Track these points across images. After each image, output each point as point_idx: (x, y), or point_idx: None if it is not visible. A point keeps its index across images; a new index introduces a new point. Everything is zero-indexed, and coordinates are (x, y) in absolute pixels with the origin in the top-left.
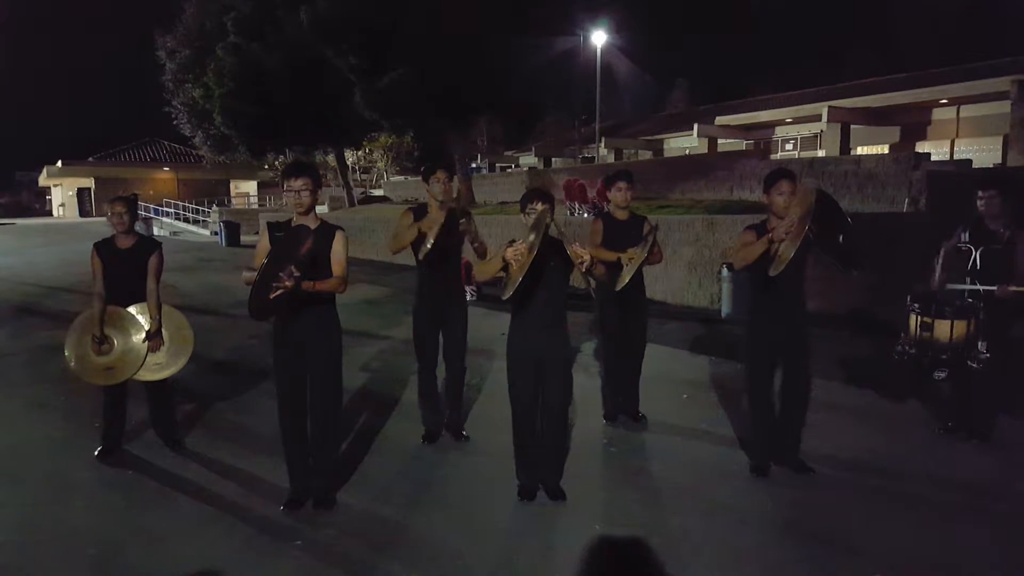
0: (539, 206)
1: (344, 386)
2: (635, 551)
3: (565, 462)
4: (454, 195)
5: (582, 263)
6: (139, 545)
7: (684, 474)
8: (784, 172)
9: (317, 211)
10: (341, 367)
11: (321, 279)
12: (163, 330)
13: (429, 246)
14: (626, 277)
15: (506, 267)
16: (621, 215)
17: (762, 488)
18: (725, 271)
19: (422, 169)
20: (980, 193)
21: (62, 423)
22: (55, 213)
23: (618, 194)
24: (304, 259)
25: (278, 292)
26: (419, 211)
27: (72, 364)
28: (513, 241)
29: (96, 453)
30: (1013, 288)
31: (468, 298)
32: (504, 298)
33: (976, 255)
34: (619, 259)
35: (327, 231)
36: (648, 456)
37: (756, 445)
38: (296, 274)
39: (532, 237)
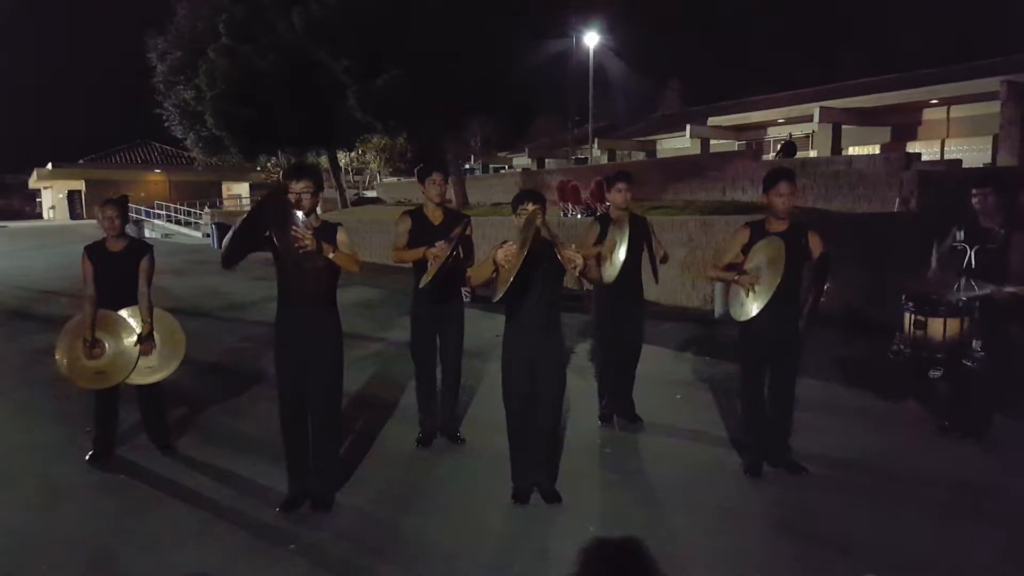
0: (530, 207)
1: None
2: (630, 552)
3: (560, 464)
4: (449, 197)
5: (575, 267)
6: (131, 550)
7: (678, 475)
8: (784, 172)
9: None
10: (342, 368)
11: (331, 269)
12: (155, 333)
13: (429, 279)
14: (615, 268)
15: (497, 269)
16: (620, 216)
17: (756, 488)
18: None
19: (417, 170)
20: (975, 190)
21: (53, 427)
22: (45, 216)
23: (618, 195)
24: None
25: (302, 249)
26: (415, 214)
27: (63, 368)
28: (505, 242)
29: (88, 457)
30: (1009, 289)
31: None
32: (495, 300)
33: (971, 254)
34: (600, 254)
35: (329, 229)
36: (643, 457)
37: (750, 445)
38: (306, 243)
39: (521, 238)
